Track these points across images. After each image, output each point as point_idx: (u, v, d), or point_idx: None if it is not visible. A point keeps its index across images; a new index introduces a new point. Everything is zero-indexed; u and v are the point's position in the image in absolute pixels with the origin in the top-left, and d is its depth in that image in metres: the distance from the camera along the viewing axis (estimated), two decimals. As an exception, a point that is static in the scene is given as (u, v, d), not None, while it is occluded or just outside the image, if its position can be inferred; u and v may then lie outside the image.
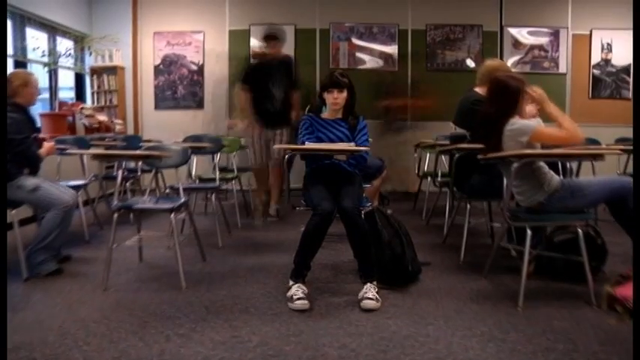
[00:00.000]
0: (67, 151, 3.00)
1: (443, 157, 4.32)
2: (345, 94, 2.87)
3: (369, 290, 2.48)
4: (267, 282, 2.88)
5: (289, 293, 2.50)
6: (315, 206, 2.52)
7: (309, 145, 2.70)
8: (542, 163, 2.54)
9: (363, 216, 2.68)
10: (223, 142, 4.22)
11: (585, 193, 2.50)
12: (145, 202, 3.01)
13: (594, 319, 2.32)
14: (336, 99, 2.85)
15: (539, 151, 2.46)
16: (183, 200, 3.02)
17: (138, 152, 2.58)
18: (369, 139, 2.96)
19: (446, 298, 2.65)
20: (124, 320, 2.32)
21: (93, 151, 2.91)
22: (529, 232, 2.45)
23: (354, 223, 2.50)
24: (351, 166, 2.86)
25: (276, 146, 2.66)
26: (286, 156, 2.73)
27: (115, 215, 2.76)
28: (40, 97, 5.87)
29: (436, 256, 3.44)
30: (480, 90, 3.36)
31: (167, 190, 3.67)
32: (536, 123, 2.59)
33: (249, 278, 2.96)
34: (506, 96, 2.59)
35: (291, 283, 2.55)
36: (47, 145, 3.04)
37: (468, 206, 3.32)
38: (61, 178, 3.85)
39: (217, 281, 2.91)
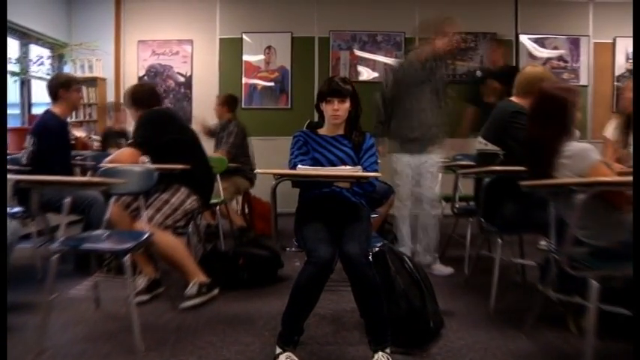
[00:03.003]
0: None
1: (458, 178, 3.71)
2: (347, 104, 2.28)
3: (381, 361, 1.87)
4: (249, 341, 2.27)
5: (275, 365, 1.89)
6: (309, 251, 1.91)
7: (302, 169, 2.09)
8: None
9: (371, 260, 2.08)
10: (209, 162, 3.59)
11: None
12: (97, 239, 2.40)
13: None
14: (336, 110, 2.26)
15: (621, 178, 1.86)
16: (145, 236, 2.41)
17: (77, 179, 2.00)
18: (379, 161, 2.37)
19: (479, 365, 2.05)
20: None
21: (16, 176, 2.30)
22: (595, 284, 1.84)
23: (362, 274, 1.88)
24: (357, 196, 2.26)
25: (259, 171, 2.03)
26: (274, 183, 2.12)
27: (55, 257, 2.16)
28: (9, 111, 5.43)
29: (459, 302, 2.84)
30: (517, 100, 2.79)
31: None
32: (596, 155, 2.02)
33: (228, 335, 2.34)
34: (557, 113, 2.05)
35: (278, 351, 1.92)
36: None
37: (500, 241, 2.71)
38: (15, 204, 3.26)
39: (187, 340, 2.29)
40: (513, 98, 2.86)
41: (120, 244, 2.31)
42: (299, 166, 2.10)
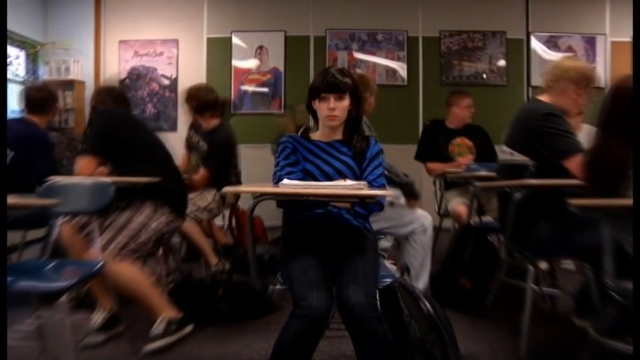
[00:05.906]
0: None
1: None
2: (346, 101, 1.81)
3: None
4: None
5: None
6: (296, 299, 1.42)
7: (288, 184, 1.60)
8: None
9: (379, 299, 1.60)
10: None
11: None
12: (37, 270, 1.92)
13: None
14: (332, 110, 1.79)
15: None
16: (96, 268, 1.93)
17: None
18: (386, 172, 1.89)
19: None
20: None
21: None
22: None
23: (368, 331, 1.40)
24: (359, 219, 1.78)
25: (229, 189, 1.54)
26: (252, 203, 1.64)
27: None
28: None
29: (482, 341, 2.36)
30: (546, 99, 2.32)
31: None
32: None
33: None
34: None
35: None
36: None
37: (531, 269, 2.24)
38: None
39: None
40: (542, 97, 2.40)
41: (62, 278, 1.84)
42: (284, 180, 1.61)
